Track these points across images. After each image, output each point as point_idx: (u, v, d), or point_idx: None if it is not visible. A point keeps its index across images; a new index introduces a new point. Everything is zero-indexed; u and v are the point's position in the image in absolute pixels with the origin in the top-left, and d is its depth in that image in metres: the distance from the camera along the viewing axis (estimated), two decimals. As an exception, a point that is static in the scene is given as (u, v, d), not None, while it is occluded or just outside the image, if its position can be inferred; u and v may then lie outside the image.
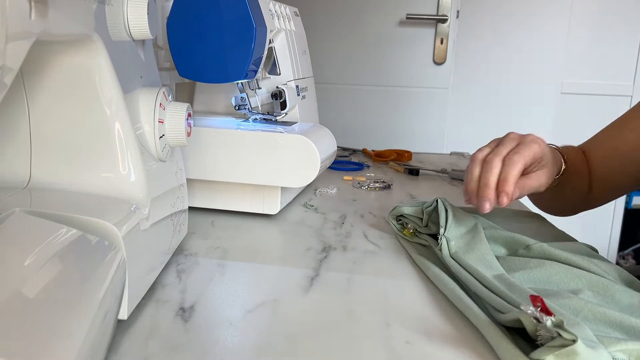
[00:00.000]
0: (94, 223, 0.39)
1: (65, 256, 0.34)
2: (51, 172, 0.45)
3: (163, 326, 0.43)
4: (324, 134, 0.74)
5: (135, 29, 0.47)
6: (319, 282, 0.52)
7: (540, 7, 1.84)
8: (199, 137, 0.67)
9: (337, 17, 1.83)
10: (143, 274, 0.46)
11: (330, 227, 0.69)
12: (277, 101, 0.76)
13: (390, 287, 0.52)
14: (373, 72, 1.86)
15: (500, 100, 1.91)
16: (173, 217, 0.53)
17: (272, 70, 0.79)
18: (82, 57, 0.42)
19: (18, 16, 0.28)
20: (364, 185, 0.90)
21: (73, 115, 0.44)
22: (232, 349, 0.40)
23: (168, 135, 0.51)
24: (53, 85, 0.43)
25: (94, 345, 0.31)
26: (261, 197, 0.70)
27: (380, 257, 0.59)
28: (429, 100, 1.87)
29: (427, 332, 0.43)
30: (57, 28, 0.34)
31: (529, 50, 1.87)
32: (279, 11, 0.79)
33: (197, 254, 0.58)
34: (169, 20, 0.65)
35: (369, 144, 1.27)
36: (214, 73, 0.66)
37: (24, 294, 0.28)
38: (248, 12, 0.63)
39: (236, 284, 0.52)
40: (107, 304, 0.35)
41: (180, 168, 0.58)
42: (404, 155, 1.16)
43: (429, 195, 0.87)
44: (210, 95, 0.84)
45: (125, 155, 0.44)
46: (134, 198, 0.45)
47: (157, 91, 0.50)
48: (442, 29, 1.80)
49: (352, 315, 0.46)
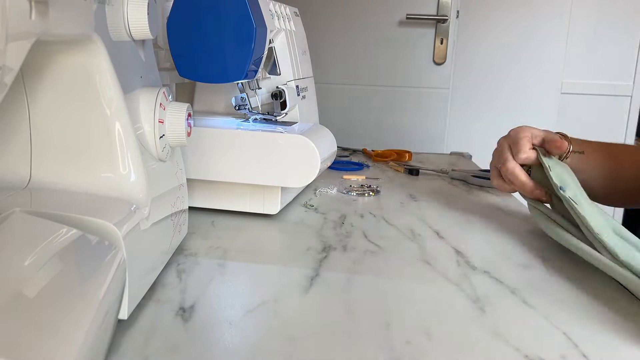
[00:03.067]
0: (94, 223, 0.39)
1: (65, 256, 0.34)
2: (51, 172, 0.45)
3: (163, 326, 0.43)
4: (324, 134, 0.74)
5: (135, 29, 0.47)
6: (319, 282, 0.52)
7: (540, 7, 1.84)
8: (199, 137, 0.67)
9: (337, 17, 1.83)
10: (143, 273, 0.46)
11: (330, 227, 0.69)
12: (277, 101, 0.76)
13: (390, 287, 0.52)
14: (373, 72, 1.86)
15: (500, 100, 1.91)
16: (173, 217, 0.54)
17: (272, 70, 0.79)
18: (82, 57, 0.42)
19: (18, 16, 0.28)
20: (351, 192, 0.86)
21: (73, 115, 0.44)
22: (232, 349, 0.40)
23: (168, 135, 0.51)
24: (53, 85, 0.43)
25: (94, 345, 0.31)
26: (261, 197, 0.70)
27: (380, 257, 0.59)
28: (429, 100, 1.87)
29: (427, 332, 0.43)
30: (57, 28, 0.34)
31: (529, 50, 1.87)
32: (279, 11, 0.79)
33: (197, 254, 0.58)
34: (169, 20, 0.65)
35: (369, 144, 1.28)
36: (214, 73, 0.66)
37: (24, 294, 0.28)
38: (248, 12, 0.63)
39: (236, 284, 0.52)
40: (107, 303, 0.35)
41: (180, 168, 0.58)
42: (404, 155, 1.16)
43: (429, 195, 0.87)
44: (210, 95, 0.84)
45: (125, 155, 0.44)
46: (134, 198, 0.45)
47: (157, 91, 0.50)
48: (442, 29, 1.80)
49: (352, 315, 0.46)
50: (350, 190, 0.87)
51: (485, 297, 0.50)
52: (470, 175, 0.97)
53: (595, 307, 0.49)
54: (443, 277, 0.54)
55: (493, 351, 0.41)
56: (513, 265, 0.58)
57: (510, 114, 1.91)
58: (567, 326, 0.45)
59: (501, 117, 1.91)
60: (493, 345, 0.42)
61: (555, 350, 0.41)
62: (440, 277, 0.54)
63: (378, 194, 0.86)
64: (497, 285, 0.53)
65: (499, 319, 0.46)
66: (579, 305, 0.49)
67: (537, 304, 0.49)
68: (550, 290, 0.52)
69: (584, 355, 0.40)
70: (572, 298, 0.51)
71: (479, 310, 0.47)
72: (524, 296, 0.50)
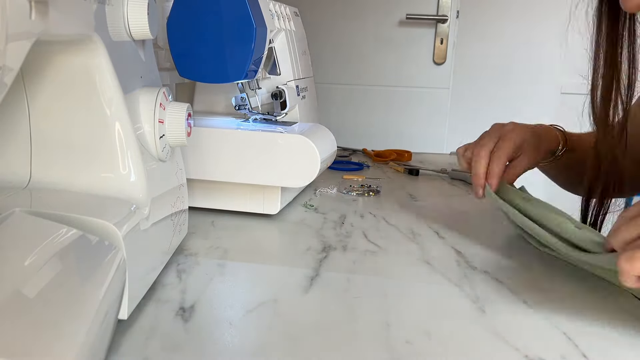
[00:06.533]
0: (94, 223, 0.39)
1: (66, 256, 0.34)
2: (51, 172, 0.45)
3: (163, 326, 0.43)
4: (324, 134, 0.74)
5: (135, 29, 0.47)
6: (319, 282, 0.52)
7: (540, 7, 1.84)
8: (199, 137, 0.67)
9: (337, 17, 1.83)
10: (143, 273, 0.46)
11: (330, 227, 0.69)
12: (277, 101, 0.76)
13: (390, 287, 0.52)
14: (373, 72, 1.86)
15: (500, 100, 1.91)
16: (173, 217, 0.53)
17: (272, 70, 0.79)
18: (82, 57, 0.42)
19: (18, 16, 0.28)
20: (351, 192, 0.86)
21: (73, 115, 0.44)
22: (232, 348, 0.40)
23: (168, 135, 0.51)
24: (53, 85, 0.43)
25: (94, 345, 0.31)
26: (261, 197, 0.70)
27: (380, 257, 0.59)
28: (429, 100, 1.87)
29: (427, 332, 0.43)
30: (57, 28, 0.34)
31: (529, 50, 1.87)
32: (279, 11, 0.79)
33: (197, 254, 0.58)
34: (169, 20, 0.65)
35: (369, 144, 1.28)
36: (214, 73, 0.66)
37: (24, 294, 0.28)
38: (248, 12, 0.63)
39: (236, 284, 0.52)
40: (107, 304, 0.35)
41: (180, 168, 0.58)
42: (404, 155, 1.16)
43: (429, 195, 0.87)
44: (210, 95, 0.84)
45: (125, 155, 0.44)
46: (134, 198, 0.45)
47: (157, 91, 0.50)
48: (442, 29, 1.80)
49: (352, 315, 0.46)
50: (350, 190, 0.87)
51: (485, 297, 0.50)
52: (470, 175, 0.97)
53: (595, 307, 0.49)
54: (443, 277, 0.54)
55: (493, 351, 0.41)
56: (513, 265, 0.58)
57: (510, 114, 1.90)
58: (567, 326, 0.45)
59: (501, 117, 1.91)
60: (493, 345, 0.42)
61: (555, 350, 0.41)
62: (440, 277, 0.54)
63: (378, 194, 0.86)
64: (497, 285, 0.53)
65: (499, 319, 0.46)
66: (579, 305, 0.49)
67: (537, 304, 0.49)
68: (550, 290, 0.52)
69: (584, 355, 0.40)
70: (572, 298, 0.51)
71: (479, 310, 0.47)
72: (524, 296, 0.50)
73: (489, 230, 0.71)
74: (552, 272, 0.57)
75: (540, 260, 0.60)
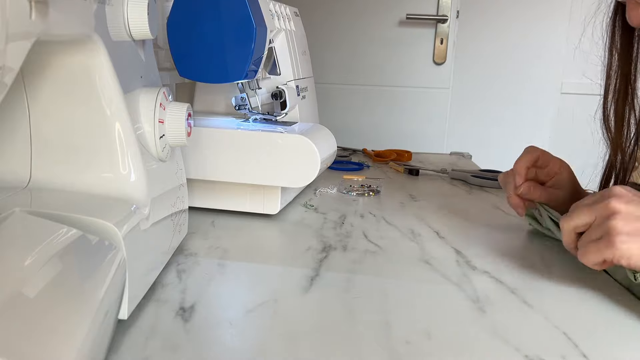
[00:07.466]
0: (94, 223, 0.39)
1: (66, 256, 0.34)
2: (51, 172, 0.45)
3: (163, 326, 0.43)
4: (324, 134, 0.74)
5: (135, 29, 0.47)
6: (319, 282, 0.52)
7: (540, 7, 1.84)
8: (199, 137, 0.67)
9: (337, 17, 1.83)
10: (143, 273, 0.46)
11: (330, 227, 0.69)
12: (277, 101, 0.76)
13: (390, 287, 0.52)
14: (373, 72, 1.86)
15: (500, 100, 1.91)
16: (173, 217, 0.53)
17: (272, 70, 0.79)
18: (82, 57, 0.42)
19: (18, 16, 0.28)
20: (351, 192, 0.86)
21: (73, 115, 0.44)
22: (232, 349, 0.40)
23: (168, 135, 0.51)
24: (53, 85, 0.43)
25: (94, 345, 0.31)
26: (261, 197, 0.70)
27: (380, 257, 0.59)
28: (429, 100, 1.87)
29: (427, 332, 0.43)
30: (57, 28, 0.34)
31: (529, 50, 1.87)
32: (279, 11, 0.79)
33: (197, 254, 0.58)
34: (169, 20, 0.65)
35: (369, 144, 1.28)
36: (214, 73, 0.66)
37: (24, 294, 0.28)
38: (248, 12, 0.63)
39: (236, 284, 0.52)
40: (107, 303, 0.35)
41: (180, 168, 0.58)
42: (404, 155, 1.16)
43: (429, 195, 0.87)
44: (210, 95, 0.84)
45: (125, 155, 0.44)
46: (134, 198, 0.45)
47: (157, 91, 0.50)
48: (442, 29, 1.80)
49: (352, 315, 0.46)
50: (350, 190, 0.87)
51: (485, 297, 0.50)
52: (470, 175, 0.97)
53: (595, 307, 0.49)
54: (443, 277, 0.54)
55: (493, 351, 0.41)
56: (513, 265, 0.58)
57: (510, 114, 1.91)
58: (567, 326, 0.45)
59: (501, 117, 1.91)
60: (493, 345, 0.42)
61: (555, 350, 0.41)
62: (440, 277, 0.54)
63: (378, 194, 0.86)
64: (497, 285, 0.53)
65: (499, 319, 0.46)
66: (579, 305, 0.49)
67: (537, 304, 0.49)
68: (550, 290, 0.52)
69: (584, 355, 0.40)
70: (572, 298, 0.51)
71: (479, 310, 0.47)
72: (524, 296, 0.50)
73: (489, 230, 0.71)
74: (552, 272, 0.57)
75: (540, 260, 0.60)
